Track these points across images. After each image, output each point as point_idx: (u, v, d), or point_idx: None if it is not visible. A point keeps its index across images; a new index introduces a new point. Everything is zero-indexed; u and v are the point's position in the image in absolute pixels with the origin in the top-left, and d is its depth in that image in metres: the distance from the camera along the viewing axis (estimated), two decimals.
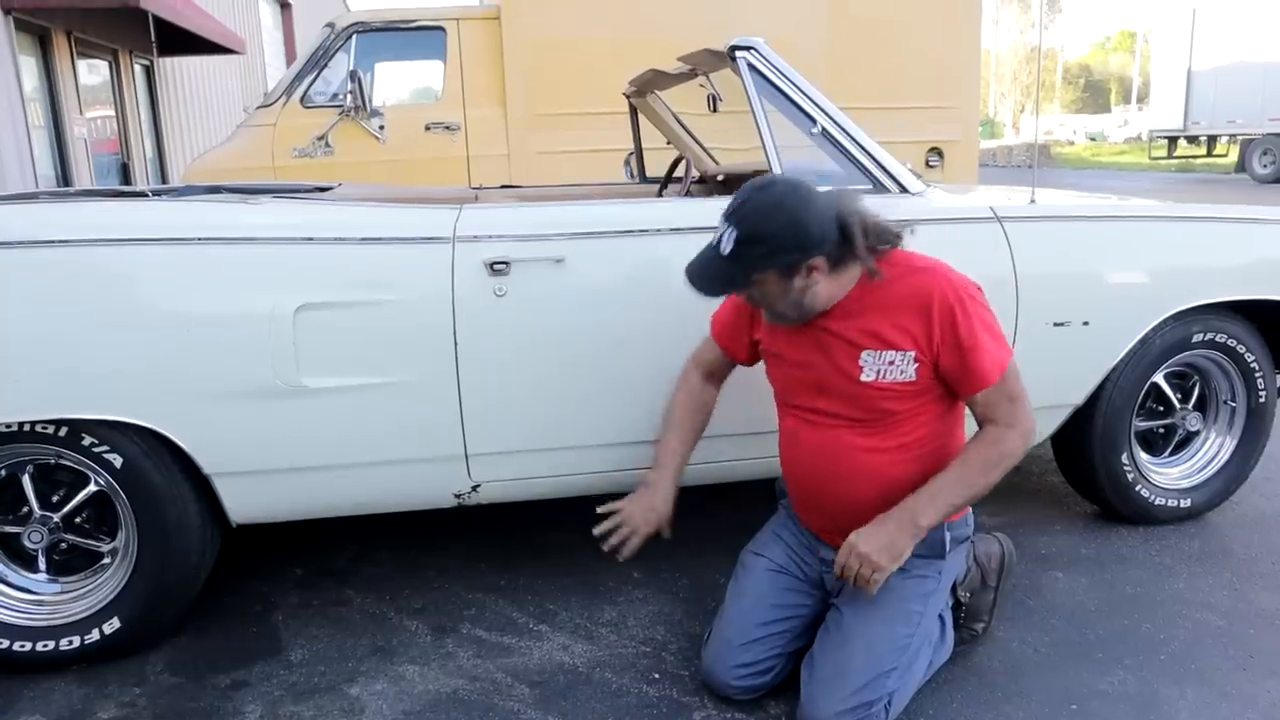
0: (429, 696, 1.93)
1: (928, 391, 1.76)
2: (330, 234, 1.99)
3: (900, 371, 1.73)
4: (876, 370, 1.74)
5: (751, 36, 2.29)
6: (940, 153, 5.71)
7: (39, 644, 2.00)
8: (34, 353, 1.86)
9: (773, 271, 1.69)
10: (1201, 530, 2.62)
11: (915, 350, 1.72)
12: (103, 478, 1.99)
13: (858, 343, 1.75)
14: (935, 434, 1.80)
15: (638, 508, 1.95)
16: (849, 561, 1.73)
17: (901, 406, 1.76)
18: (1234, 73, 16.39)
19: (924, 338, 1.72)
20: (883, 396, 1.75)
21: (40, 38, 8.56)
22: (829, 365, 1.79)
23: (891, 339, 1.73)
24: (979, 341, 1.70)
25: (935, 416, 1.79)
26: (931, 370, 1.74)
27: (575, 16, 5.28)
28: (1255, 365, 2.57)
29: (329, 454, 2.04)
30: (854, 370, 1.76)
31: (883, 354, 1.74)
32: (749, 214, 1.67)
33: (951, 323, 1.70)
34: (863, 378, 1.75)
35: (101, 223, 1.91)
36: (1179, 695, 1.87)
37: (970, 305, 1.71)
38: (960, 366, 1.72)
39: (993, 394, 1.72)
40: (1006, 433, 1.72)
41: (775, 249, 1.66)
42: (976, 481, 1.72)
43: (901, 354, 1.73)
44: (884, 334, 1.73)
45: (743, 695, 1.86)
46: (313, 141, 5.07)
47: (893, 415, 1.77)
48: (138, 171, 10.81)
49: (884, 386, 1.75)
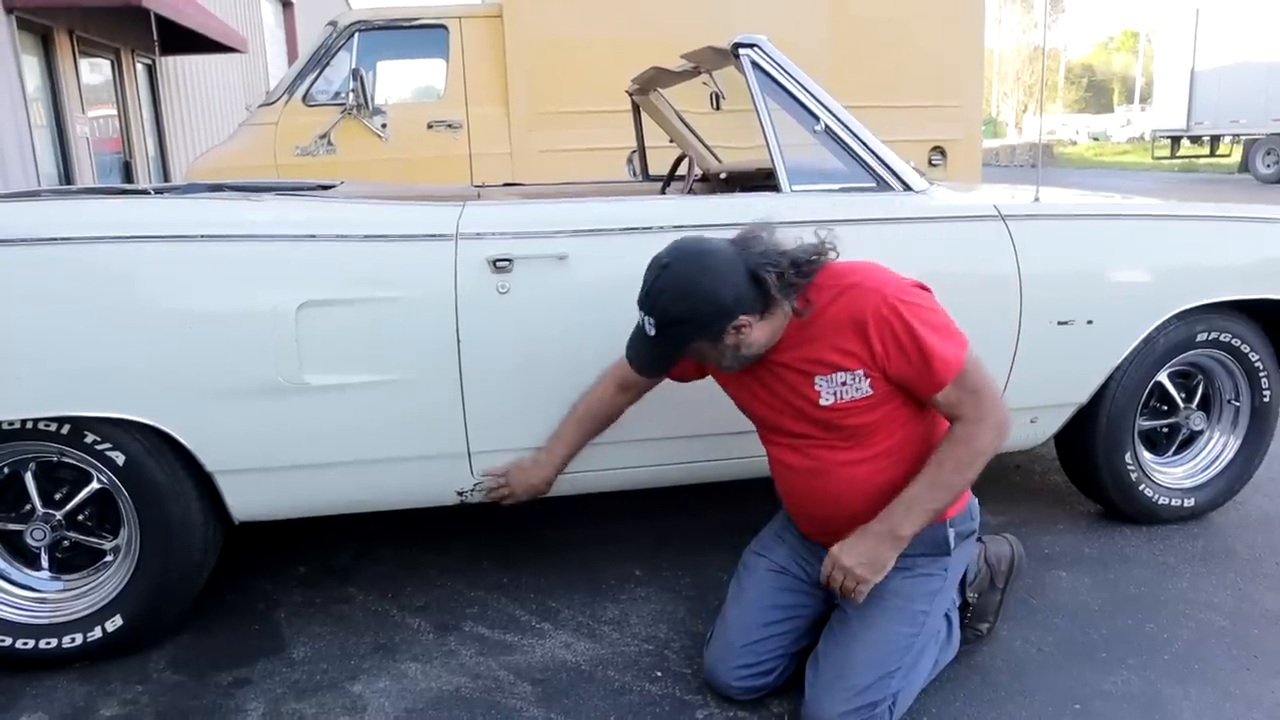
0: (431, 694, 1.92)
1: (890, 399, 1.73)
2: (333, 231, 1.99)
3: (855, 389, 1.71)
4: (833, 393, 1.72)
5: (755, 34, 2.29)
6: (943, 152, 5.70)
7: (42, 641, 2.00)
8: (36, 350, 1.85)
9: (702, 341, 1.70)
10: (1205, 530, 2.61)
11: (864, 368, 1.69)
12: (105, 475, 1.98)
13: (808, 370, 1.74)
14: (914, 434, 1.78)
15: (521, 476, 2.08)
16: (832, 574, 1.73)
17: (869, 419, 1.74)
18: (1237, 73, 16.36)
19: (867, 354, 1.68)
20: (846, 415, 1.73)
21: (43, 37, 8.56)
22: (790, 393, 1.78)
23: (837, 361, 1.71)
24: (924, 343, 1.65)
25: (909, 418, 1.76)
26: (885, 382, 1.71)
27: (578, 15, 5.27)
28: (1259, 364, 2.56)
29: (331, 451, 2.04)
30: (813, 395, 1.74)
31: (834, 376, 1.71)
32: (658, 299, 1.67)
33: (891, 333, 1.66)
34: (821, 402, 1.73)
35: (104, 220, 1.91)
36: (1183, 695, 1.87)
37: (906, 310, 1.66)
38: (912, 373, 1.68)
39: (952, 392, 1.68)
40: (976, 428, 1.68)
41: (696, 325, 1.67)
42: (953, 482, 1.70)
43: (851, 374, 1.70)
44: (829, 358, 1.71)
45: (745, 696, 1.85)
46: (315, 140, 5.06)
47: (864, 428, 1.75)
48: (140, 170, 10.81)
49: (844, 406, 1.73)
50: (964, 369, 1.67)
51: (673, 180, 3.39)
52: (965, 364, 1.67)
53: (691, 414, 2.18)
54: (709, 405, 2.16)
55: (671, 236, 2.11)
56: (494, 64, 5.28)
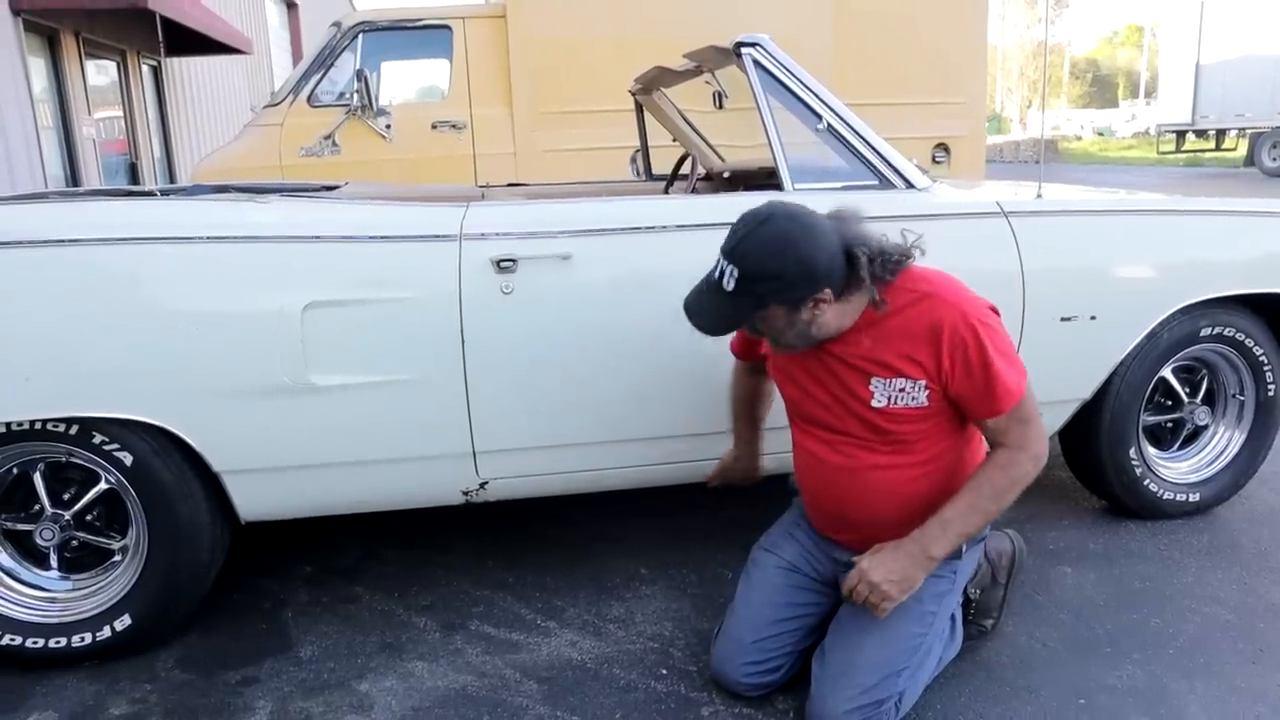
0: (438, 692, 1.93)
1: (941, 414, 1.73)
2: (338, 232, 2.00)
3: (911, 398, 1.70)
4: (888, 397, 1.71)
5: (757, 33, 2.29)
6: (947, 148, 5.69)
7: (51, 640, 2.01)
8: (44, 351, 1.87)
9: (778, 307, 1.64)
10: (1210, 525, 2.61)
11: (926, 379, 1.68)
12: (113, 475, 2.00)
13: (867, 370, 1.72)
14: (951, 448, 1.77)
15: (737, 467, 2.20)
16: (859, 588, 1.71)
17: (915, 428, 1.73)
18: (1242, 66, 16.31)
19: (934, 367, 1.67)
20: (895, 421, 1.72)
21: (49, 39, 8.59)
22: (840, 389, 1.76)
23: (901, 368, 1.69)
24: (992, 369, 1.64)
25: (950, 432, 1.76)
26: (943, 396, 1.70)
27: (581, 15, 5.27)
28: (1264, 359, 2.56)
29: (337, 451, 2.05)
30: (865, 395, 1.73)
31: (893, 381, 1.70)
32: (751, 250, 1.61)
33: (964, 353, 1.65)
34: (874, 403, 1.72)
35: (110, 222, 1.92)
36: (1188, 689, 1.87)
37: (983, 332, 1.65)
38: (973, 395, 1.67)
39: (1004, 419, 1.67)
40: (1017, 455, 1.68)
41: (781, 286, 1.61)
42: (989, 509, 1.69)
43: (912, 382, 1.69)
44: (893, 363, 1.69)
45: (752, 693, 1.86)
46: (320, 141, 5.08)
47: (908, 436, 1.74)
48: (146, 171, 10.84)
49: (896, 412, 1.71)
50: (1022, 400, 1.67)
51: (676, 179, 3.39)
52: (1024, 395, 1.68)
53: (691, 414, 2.19)
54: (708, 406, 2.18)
55: (675, 236, 2.14)
56: (498, 64, 5.29)
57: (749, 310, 1.65)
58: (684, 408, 2.19)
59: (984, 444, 1.83)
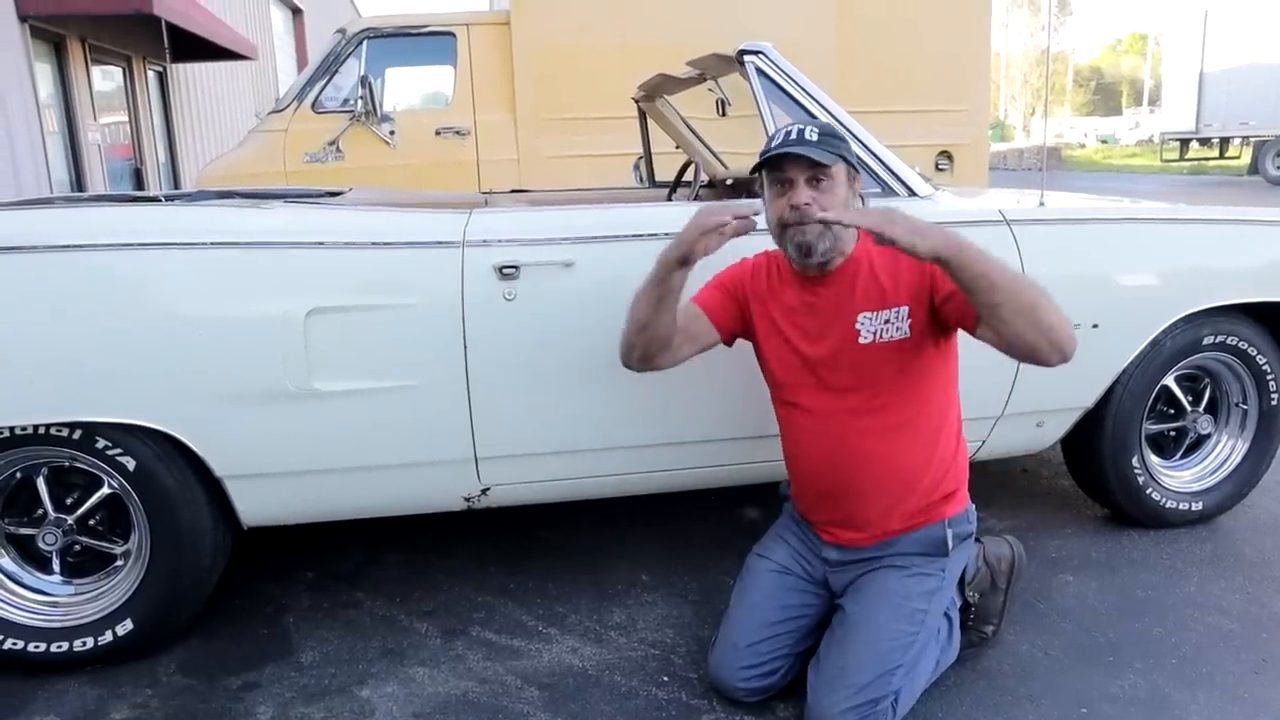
0: (439, 699, 1.93)
1: (921, 350, 1.80)
2: (341, 238, 2.01)
3: (896, 329, 1.79)
4: (873, 332, 1.80)
5: (760, 40, 2.30)
6: (950, 156, 5.69)
7: (53, 645, 2.02)
8: (48, 356, 1.87)
9: (844, 166, 1.77)
10: (1213, 534, 2.60)
11: (910, 304, 1.78)
12: (116, 480, 2.00)
13: (854, 306, 1.81)
14: (935, 409, 1.85)
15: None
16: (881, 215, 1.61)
17: (897, 369, 1.80)
18: (1246, 74, 16.30)
19: (918, 275, 1.77)
20: (880, 359, 1.80)
21: (55, 45, 8.62)
22: (829, 334, 1.83)
23: (888, 292, 1.79)
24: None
25: (932, 385, 1.83)
26: (926, 320, 1.78)
27: (584, 21, 5.29)
28: (1267, 368, 2.56)
29: (340, 457, 2.05)
30: (851, 335, 1.81)
31: (879, 314, 1.80)
32: (816, 125, 1.78)
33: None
34: (860, 340, 1.80)
35: (114, 228, 1.92)
36: (1190, 699, 1.87)
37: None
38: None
39: None
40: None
41: (848, 149, 1.79)
42: (1024, 293, 1.60)
43: (895, 311, 1.79)
44: (879, 288, 1.80)
45: (750, 697, 1.86)
46: (324, 147, 5.09)
47: (889, 385, 1.80)
48: (151, 177, 10.87)
49: (881, 347, 1.80)
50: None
51: (679, 186, 3.39)
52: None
53: (693, 420, 2.19)
54: (710, 412, 2.18)
55: None
56: (502, 70, 5.30)
57: (830, 155, 1.74)
58: (685, 414, 2.19)
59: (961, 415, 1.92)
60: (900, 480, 1.83)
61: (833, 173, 1.75)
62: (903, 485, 1.83)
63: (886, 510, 1.84)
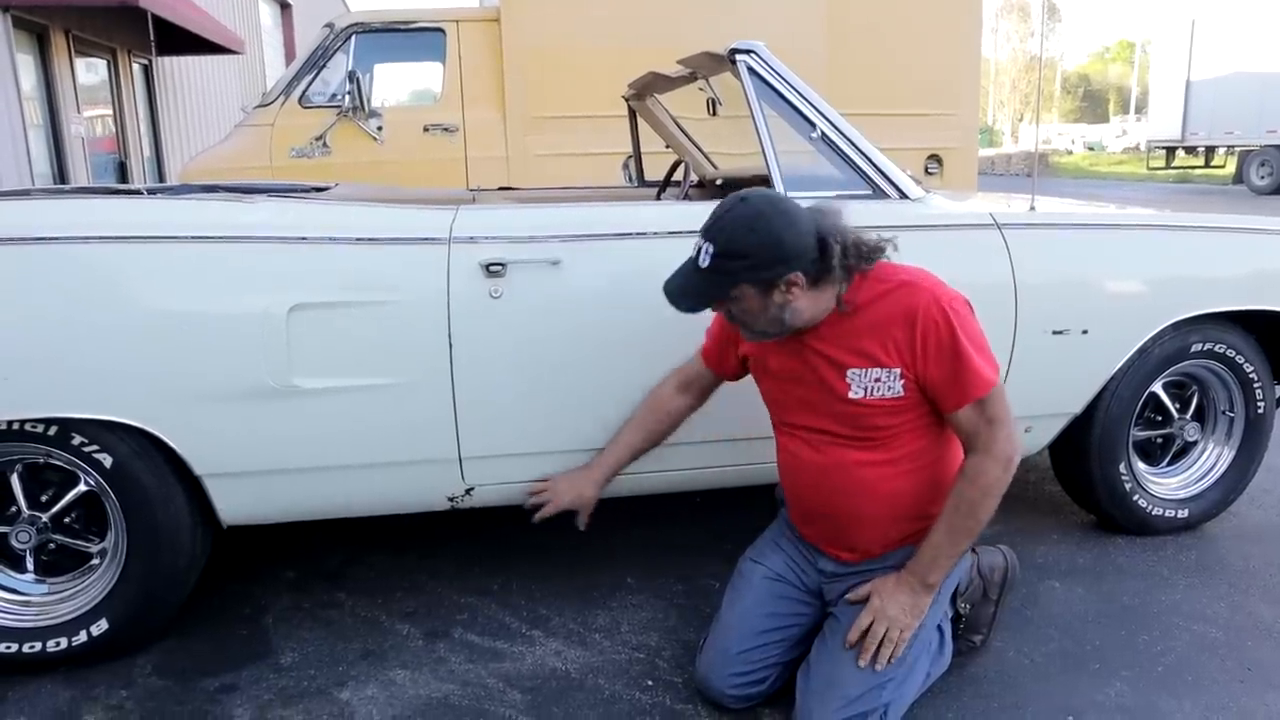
0: (420, 701, 1.91)
1: (917, 406, 1.74)
2: (325, 234, 1.98)
3: (887, 388, 1.72)
4: (864, 388, 1.73)
5: (751, 40, 2.28)
6: (939, 160, 5.71)
7: (25, 645, 1.98)
8: (24, 350, 1.84)
9: (750, 286, 1.66)
10: (1199, 541, 2.60)
11: (901, 367, 1.70)
12: (92, 478, 1.97)
13: (843, 361, 1.74)
14: (930, 445, 1.78)
15: (566, 484, 2.08)
16: (875, 625, 1.72)
17: (892, 421, 1.74)
18: (1232, 84, 16.43)
19: (908, 350, 1.69)
20: (872, 413, 1.74)
21: (38, 36, 8.54)
22: (816, 382, 1.78)
23: (877, 356, 1.71)
24: (963, 353, 1.66)
25: (928, 429, 1.77)
26: (917, 385, 1.72)
27: (575, 19, 5.27)
28: (1254, 376, 2.56)
29: (321, 455, 2.02)
30: (841, 388, 1.75)
31: (869, 371, 1.72)
32: (726, 227, 1.66)
33: (935, 333, 1.67)
34: (850, 395, 1.74)
35: (94, 220, 1.89)
36: (1176, 707, 1.86)
37: (954, 317, 1.67)
38: (942, 379, 1.68)
39: (973, 413, 1.68)
40: (984, 462, 1.68)
41: (753, 264, 1.64)
42: (968, 525, 1.71)
43: (887, 371, 1.71)
44: (870, 350, 1.72)
45: (737, 704, 1.84)
46: (310, 142, 5.06)
47: (884, 430, 1.75)
48: (135, 170, 10.79)
49: (872, 403, 1.73)
50: (991, 394, 1.68)
51: (668, 186, 3.38)
52: (994, 388, 1.68)
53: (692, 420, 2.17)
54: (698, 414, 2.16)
55: (666, 243, 2.12)
56: (491, 68, 5.28)
57: (724, 288, 1.68)
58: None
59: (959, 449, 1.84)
60: (894, 508, 1.79)
61: (733, 295, 1.68)
62: (897, 510, 1.79)
63: (878, 537, 1.82)
